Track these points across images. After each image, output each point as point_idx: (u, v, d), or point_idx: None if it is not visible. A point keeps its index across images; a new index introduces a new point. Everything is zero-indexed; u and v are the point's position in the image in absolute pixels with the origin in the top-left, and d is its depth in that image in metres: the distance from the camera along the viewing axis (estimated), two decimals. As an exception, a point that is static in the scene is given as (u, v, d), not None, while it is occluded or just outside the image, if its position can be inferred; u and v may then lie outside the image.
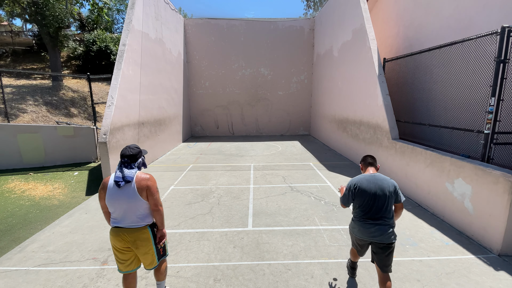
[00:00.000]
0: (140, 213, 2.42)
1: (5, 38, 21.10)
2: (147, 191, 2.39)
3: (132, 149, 2.49)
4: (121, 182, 2.34)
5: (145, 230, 2.46)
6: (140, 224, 2.43)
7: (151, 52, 9.29)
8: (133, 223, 2.41)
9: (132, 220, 2.41)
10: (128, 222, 2.40)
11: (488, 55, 4.65)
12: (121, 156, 2.47)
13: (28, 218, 4.94)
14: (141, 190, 2.38)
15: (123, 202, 2.36)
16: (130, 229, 2.41)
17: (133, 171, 2.42)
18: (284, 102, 14.88)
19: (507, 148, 4.56)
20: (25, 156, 8.08)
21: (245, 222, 4.64)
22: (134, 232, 2.42)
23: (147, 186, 2.39)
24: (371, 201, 2.60)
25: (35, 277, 3.27)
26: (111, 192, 2.36)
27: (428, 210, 5.08)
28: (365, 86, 8.05)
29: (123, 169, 2.41)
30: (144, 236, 2.45)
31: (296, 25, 14.29)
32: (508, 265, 3.45)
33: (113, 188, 2.36)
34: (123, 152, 2.47)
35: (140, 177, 2.41)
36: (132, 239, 2.42)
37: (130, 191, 2.36)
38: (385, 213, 2.60)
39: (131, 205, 2.37)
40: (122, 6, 23.88)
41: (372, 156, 2.92)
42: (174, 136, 11.62)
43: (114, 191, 2.36)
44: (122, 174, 2.37)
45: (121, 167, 2.43)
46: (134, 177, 2.39)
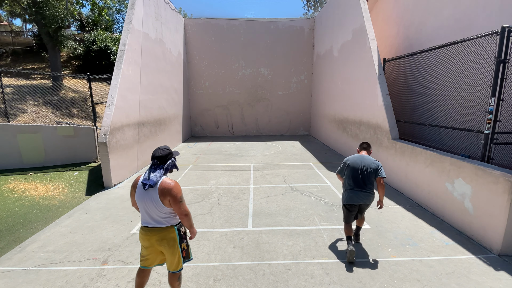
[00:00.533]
0: (164, 215, 2.43)
1: (5, 38, 21.10)
2: (170, 200, 2.37)
3: (162, 150, 2.48)
4: (146, 185, 2.35)
5: (172, 230, 2.47)
6: (166, 225, 2.45)
7: (151, 52, 9.29)
8: (160, 223, 2.44)
9: (158, 221, 2.43)
10: (155, 222, 2.43)
11: (488, 55, 4.64)
12: (151, 157, 2.47)
13: (28, 218, 4.94)
14: (164, 197, 2.35)
15: (148, 204, 2.38)
16: (157, 228, 2.44)
17: (158, 175, 2.39)
18: (284, 102, 14.88)
19: (507, 148, 4.56)
20: (25, 156, 8.08)
21: (245, 222, 4.64)
22: (162, 232, 2.44)
23: (170, 195, 2.36)
24: (358, 174, 3.59)
25: (35, 277, 3.27)
26: (138, 192, 2.41)
27: (428, 210, 5.08)
28: (365, 86, 8.05)
29: (151, 172, 2.41)
30: (171, 235, 2.46)
31: (296, 25, 14.29)
32: (508, 265, 3.45)
33: (140, 189, 2.40)
34: (153, 153, 2.47)
35: (164, 183, 2.37)
36: (160, 238, 2.44)
37: (154, 196, 2.36)
38: (369, 184, 3.61)
39: (155, 209, 2.38)
40: (122, 6, 23.88)
41: (367, 143, 3.89)
42: (174, 136, 11.62)
43: (141, 191, 2.39)
44: (149, 177, 2.37)
45: (150, 168, 2.44)
46: (159, 183, 2.37)
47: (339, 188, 6.31)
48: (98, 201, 5.66)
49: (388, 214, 4.94)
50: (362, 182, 3.59)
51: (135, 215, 4.95)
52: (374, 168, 3.58)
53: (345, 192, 3.70)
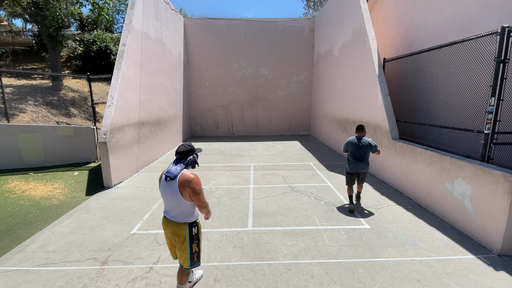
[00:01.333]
0: (182, 210, 2.53)
1: (5, 38, 21.10)
2: (189, 191, 2.47)
3: (184, 146, 2.61)
4: (168, 177, 2.48)
5: (183, 227, 2.57)
6: (180, 220, 2.55)
7: (151, 52, 9.29)
8: (175, 217, 2.56)
9: (175, 214, 2.55)
10: (171, 215, 2.57)
11: (488, 55, 4.65)
12: (175, 152, 2.62)
13: (28, 218, 4.94)
14: (183, 189, 2.45)
15: (168, 196, 2.51)
16: (172, 221, 2.57)
17: (179, 168, 2.50)
18: (284, 102, 14.88)
19: (507, 148, 4.56)
20: (25, 156, 8.08)
21: (245, 222, 4.64)
22: (174, 226, 2.57)
23: (189, 187, 2.46)
24: (356, 149, 4.92)
25: (35, 277, 3.27)
26: (162, 184, 2.56)
27: (428, 210, 5.08)
28: (365, 86, 8.05)
29: (173, 165, 2.54)
30: (182, 232, 2.57)
31: (296, 25, 14.29)
32: (508, 265, 3.45)
33: (163, 181, 2.54)
34: (176, 148, 2.62)
35: (184, 176, 2.47)
36: (172, 232, 2.58)
37: (174, 188, 2.47)
38: (365, 157, 4.93)
39: (174, 201, 2.50)
40: (122, 6, 23.88)
41: (362, 125, 5.00)
42: (174, 136, 11.62)
43: (163, 184, 2.54)
44: (169, 170, 2.51)
45: (173, 163, 2.58)
46: (178, 175, 2.47)
47: (339, 188, 6.31)
48: (98, 201, 5.66)
49: (388, 214, 4.94)
50: (359, 156, 4.93)
51: (135, 215, 4.96)
52: (367, 145, 4.88)
53: (348, 163, 5.06)
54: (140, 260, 3.57)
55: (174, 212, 2.54)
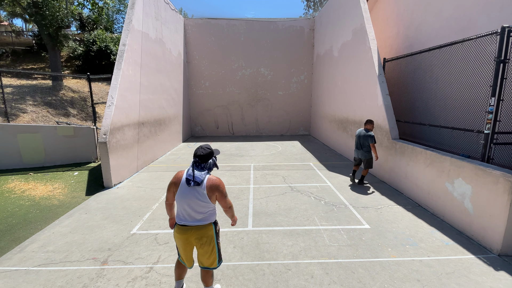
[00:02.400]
0: (206, 212, 2.51)
1: (5, 38, 21.11)
2: (217, 195, 2.51)
3: (204, 149, 2.56)
4: (191, 182, 2.42)
5: (210, 227, 2.56)
6: (205, 222, 2.53)
7: (151, 52, 9.29)
8: (200, 221, 2.51)
9: (199, 218, 2.50)
10: (196, 219, 2.49)
11: (488, 55, 4.65)
12: (193, 155, 2.57)
13: (28, 218, 4.94)
14: (211, 193, 2.46)
15: (192, 202, 2.44)
16: (197, 226, 2.51)
17: (203, 173, 2.47)
18: (284, 102, 14.88)
19: (507, 148, 4.56)
20: (25, 156, 8.08)
21: (245, 222, 4.64)
22: (201, 229, 2.51)
23: (218, 191, 2.49)
24: (357, 139, 6.29)
25: (35, 277, 3.27)
26: (182, 189, 2.45)
27: (428, 210, 5.08)
28: (365, 86, 8.05)
29: (195, 169, 2.48)
30: (210, 233, 2.55)
31: (296, 25, 14.29)
32: (508, 265, 3.45)
33: (184, 185, 2.45)
34: (195, 151, 2.56)
35: (211, 180, 2.48)
36: (199, 236, 2.51)
37: (200, 192, 2.43)
38: (364, 146, 6.17)
39: (199, 205, 2.45)
40: (122, 6, 23.88)
41: (369, 120, 6.19)
42: (174, 136, 11.62)
43: (185, 188, 2.45)
44: (193, 174, 2.45)
45: (193, 166, 2.51)
46: (205, 180, 2.45)
47: (339, 188, 6.31)
48: (98, 201, 5.66)
49: (388, 214, 4.94)
50: (359, 145, 6.26)
51: (135, 215, 4.95)
52: (366, 136, 6.05)
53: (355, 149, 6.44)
54: (140, 260, 3.57)
55: (198, 216, 2.49)
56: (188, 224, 2.50)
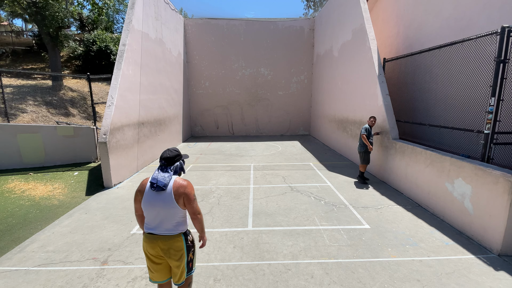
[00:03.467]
0: (175, 220, 2.29)
1: (5, 38, 21.11)
2: (184, 199, 2.28)
3: (170, 151, 2.41)
4: (155, 185, 2.24)
5: (179, 238, 2.32)
6: (174, 232, 2.30)
7: (151, 52, 9.29)
8: (168, 230, 2.29)
9: (167, 227, 2.29)
10: (163, 229, 2.28)
11: (488, 55, 4.65)
12: (159, 158, 2.41)
13: (28, 218, 4.94)
14: (178, 197, 2.26)
15: (159, 208, 2.24)
16: (164, 236, 2.28)
17: (168, 176, 2.30)
18: (284, 102, 14.88)
19: (507, 148, 4.56)
20: (25, 156, 8.08)
21: (245, 222, 4.64)
22: (168, 240, 2.29)
23: (184, 194, 2.27)
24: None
25: (35, 277, 3.27)
26: (147, 196, 2.26)
27: (428, 210, 5.08)
28: (365, 86, 8.05)
29: (159, 172, 2.32)
30: (178, 244, 2.31)
31: (296, 25, 14.29)
32: (508, 265, 3.45)
33: (149, 192, 2.26)
34: (161, 154, 2.41)
35: (177, 183, 2.29)
36: (166, 247, 2.28)
37: (167, 197, 2.24)
38: (359, 140, 6.60)
39: (166, 212, 2.25)
40: (122, 6, 23.88)
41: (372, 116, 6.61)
42: (174, 136, 11.62)
43: (151, 195, 2.25)
44: (157, 178, 2.28)
45: (158, 170, 2.36)
46: (171, 183, 2.28)
47: (339, 188, 6.31)
48: (98, 201, 5.66)
49: (388, 214, 4.94)
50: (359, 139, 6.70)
51: (134, 215, 4.95)
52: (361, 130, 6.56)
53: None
54: (140, 260, 3.57)
55: (167, 225, 2.27)
56: (156, 233, 2.28)
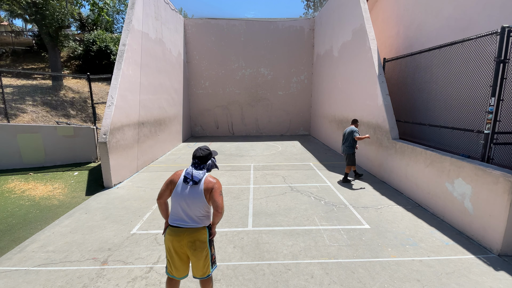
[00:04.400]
0: (201, 214, 2.43)
1: (5, 38, 21.11)
2: (212, 193, 2.41)
3: (202, 150, 2.54)
4: (189, 180, 2.39)
5: (204, 231, 2.45)
6: (200, 225, 2.43)
7: (151, 52, 9.29)
8: (194, 223, 2.42)
9: (194, 220, 2.42)
10: (191, 220, 2.41)
11: (488, 55, 4.64)
12: (192, 157, 2.54)
13: (28, 218, 4.94)
14: (207, 191, 2.41)
15: (189, 201, 2.38)
16: (190, 229, 2.40)
17: (202, 173, 2.45)
18: (284, 102, 14.88)
19: (507, 148, 4.56)
20: (25, 156, 8.08)
21: (245, 222, 4.64)
22: (194, 232, 2.40)
23: (213, 188, 2.41)
24: (343, 135, 6.70)
25: (35, 277, 3.27)
26: (180, 188, 2.40)
27: (428, 210, 5.08)
28: (365, 86, 8.05)
29: (193, 169, 2.46)
30: (203, 237, 2.44)
31: (296, 25, 14.29)
32: (508, 265, 3.45)
33: (182, 184, 2.41)
34: (194, 153, 2.53)
35: (208, 179, 2.45)
36: (192, 239, 2.40)
37: (198, 191, 2.39)
38: (346, 141, 6.57)
39: (195, 205, 2.39)
40: (122, 6, 23.87)
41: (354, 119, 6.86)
42: (174, 136, 11.62)
43: (183, 187, 2.40)
44: (192, 173, 2.43)
45: (191, 167, 2.49)
46: (203, 179, 2.43)
47: (339, 188, 6.31)
48: (98, 201, 5.66)
49: (388, 214, 4.94)
50: (343, 140, 6.69)
51: (134, 215, 4.95)
52: (350, 132, 6.52)
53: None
54: (140, 260, 3.57)
55: (194, 217, 2.41)
56: (182, 225, 2.40)
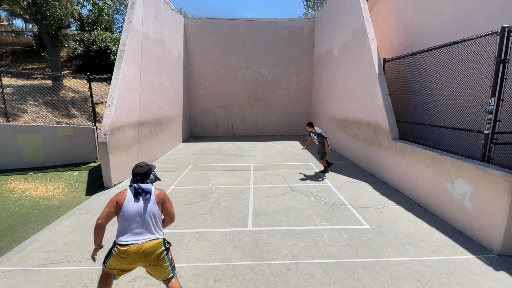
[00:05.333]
0: (158, 226, 2.49)
1: (5, 38, 21.11)
2: (163, 204, 2.54)
3: (142, 167, 2.58)
4: (142, 193, 2.45)
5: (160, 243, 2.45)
6: (158, 236, 2.45)
7: (151, 52, 9.29)
8: (153, 236, 2.43)
9: (153, 231, 2.44)
10: (146, 236, 2.39)
11: (488, 55, 4.64)
12: (133, 175, 2.56)
13: (28, 218, 4.94)
14: (159, 203, 2.52)
15: (145, 214, 2.41)
16: (146, 243, 2.37)
17: (149, 185, 2.53)
18: (284, 102, 14.89)
19: (507, 148, 4.56)
20: (25, 156, 8.08)
21: (245, 222, 4.64)
22: (152, 247, 2.38)
23: (164, 200, 2.55)
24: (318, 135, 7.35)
25: (35, 277, 3.27)
26: (130, 205, 2.40)
27: (428, 210, 5.08)
28: (365, 86, 8.05)
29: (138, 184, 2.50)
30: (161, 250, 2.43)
31: (296, 25, 14.29)
32: (508, 265, 3.45)
33: (133, 200, 2.42)
34: (134, 171, 2.56)
35: (157, 192, 2.55)
36: (150, 254, 2.36)
37: (150, 203, 2.46)
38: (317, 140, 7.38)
39: (151, 218, 2.43)
40: (122, 6, 23.87)
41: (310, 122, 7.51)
42: (174, 136, 11.62)
43: (135, 203, 2.42)
44: (140, 186, 2.47)
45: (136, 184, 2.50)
46: (152, 191, 2.52)
47: (339, 188, 6.31)
48: (98, 201, 5.66)
49: (388, 214, 4.94)
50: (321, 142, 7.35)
51: (135, 215, 4.95)
52: (317, 134, 7.26)
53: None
54: (140, 260, 3.57)
55: (151, 229, 2.42)
56: (138, 241, 2.34)
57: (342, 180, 6.87)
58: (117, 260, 2.35)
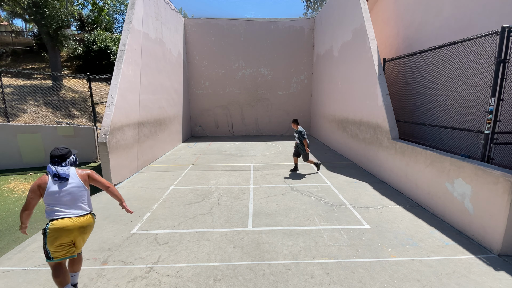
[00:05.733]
0: (87, 201, 2.80)
1: (5, 38, 21.11)
2: (89, 178, 2.83)
3: (60, 149, 2.79)
4: (56, 177, 2.63)
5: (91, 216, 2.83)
6: (88, 211, 2.79)
7: (151, 52, 9.28)
8: (84, 210, 2.74)
9: (83, 207, 2.75)
10: (80, 210, 2.71)
11: (488, 55, 4.64)
12: (50, 157, 2.75)
13: (28, 218, 4.93)
14: (85, 181, 2.80)
15: (69, 194, 2.66)
16: (81, 216, 2.70)
17: (66, 169, 2.72)
18: (284, 102, 14.89)
19: (507, 148, 4.56)
20: (25, 156, 8.08)
21: (245, 222, 4.64)
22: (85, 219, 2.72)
23: (88, 175, 2.84)
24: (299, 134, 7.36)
25: (35, 277, 3.27)
26: (54, 187, 2.62)
27: (428, 210, 5.08)
28: (365, 86, 8.05)
29: (56, 167, 2.69)
30: (92, 220, 2.81)
31: (296, 25, 14.29)
32: (508, 265, 3.45)
33: (53, 184, 2.63)
34: (52, 153, 2.75)
35: (79, 171, 2.81)
36: (85, 224, 2.71)
37: (76, 183, 2.71)
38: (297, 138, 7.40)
39: (78, 195, 2.71)
40: (122, 6, 23.87)
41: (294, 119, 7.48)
42: (174, 136, 11.62)
43: (56, 185, 2.63)
44: (58, 172, 2.66)
45: (53, 166, 2.70)
46: (72, 171, 2.75)
47: (339, 188, 6.31)
48: (98, 201, 5.66)
49: (388, 214, 4.94)
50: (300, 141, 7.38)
51: (134, 215, 4.95)
52: (299, 132, 7.29)
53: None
54: (140, 260, 3.57)
55: (82, 205, 2.72)
56: (73, 216, 2.64)
57: (342, 180, 6.87)
58: (54, 239, 2.56)
